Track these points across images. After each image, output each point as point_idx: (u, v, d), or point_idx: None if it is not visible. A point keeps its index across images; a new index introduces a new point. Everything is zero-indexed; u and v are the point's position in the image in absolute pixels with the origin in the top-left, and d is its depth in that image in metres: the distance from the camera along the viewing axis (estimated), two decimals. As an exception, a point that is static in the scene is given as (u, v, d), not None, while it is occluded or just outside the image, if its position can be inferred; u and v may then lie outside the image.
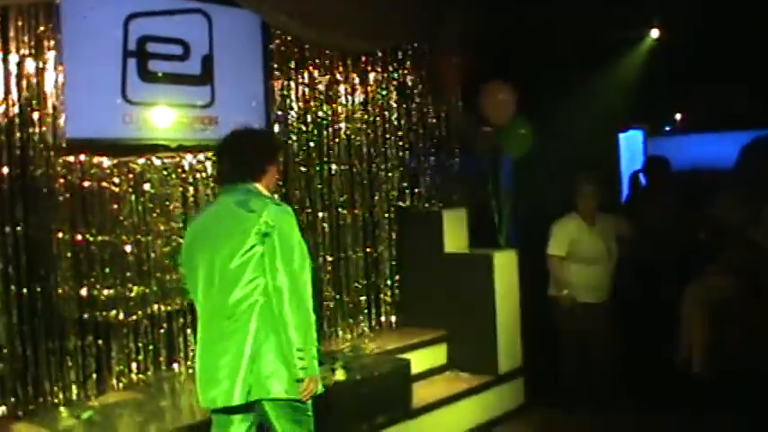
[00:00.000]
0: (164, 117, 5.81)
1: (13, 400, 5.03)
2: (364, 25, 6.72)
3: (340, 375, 5.52)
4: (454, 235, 7.37)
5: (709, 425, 6.36)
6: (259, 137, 4.48)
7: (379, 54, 7.20)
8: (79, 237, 5.38)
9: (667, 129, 12.13)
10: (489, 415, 6.80)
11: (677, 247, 7.86)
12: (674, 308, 7.34)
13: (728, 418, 6.35)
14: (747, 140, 7.61)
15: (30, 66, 5.16)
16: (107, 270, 5.50)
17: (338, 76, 6.96)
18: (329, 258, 6.97)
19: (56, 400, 5.20)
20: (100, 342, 5.46)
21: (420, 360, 6.67)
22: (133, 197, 5.66)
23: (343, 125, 6.97)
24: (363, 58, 7.11)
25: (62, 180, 5.33)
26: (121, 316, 5.56)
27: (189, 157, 5.98)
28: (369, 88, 7.20)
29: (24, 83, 5.14)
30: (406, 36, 7.28)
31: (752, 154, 7.55)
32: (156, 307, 5.77)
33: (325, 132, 6.87)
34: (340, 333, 7.01)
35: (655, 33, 9.94)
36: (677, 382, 7.10)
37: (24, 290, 5.10)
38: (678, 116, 12.08)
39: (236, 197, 4.07)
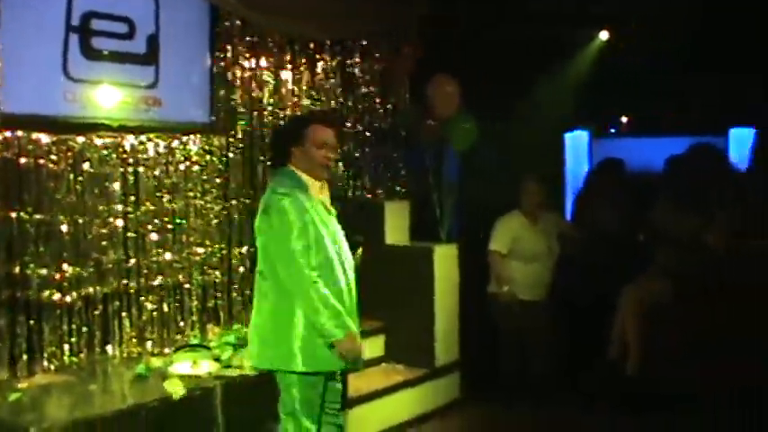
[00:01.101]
0: (106, 96, 5.68)
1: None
2: (316, 13, 6.65)
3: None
4: (396, 227, 7.35)
5: (644, 424, 6.41)
6: (285, 122, 5.22)
7: (328, 42, 7.14)
8: (14, 214, 5.24)
9: (612, 131, 12.22)
10: (425, 408, 6.80)
11: (624, 248, 7.93)
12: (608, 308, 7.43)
13: (661, 419, 6.43)
14: (688, 145, 7.68)
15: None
16: (42, 249, 5.37)
17: (285, 63, 6.89)
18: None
19: (-17, 381, 5.08)
20: (32, 322, 5.33)
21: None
22: (71, 176, 5.53)
23: (288, 111, 6.90)
24: (312, 45, 7.04)
25: (-2, 156, 5.19)
26: (56, 296, 5.43)
27: (130, 137, 5.86)
28: (316, 76, 7.13)
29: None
30: (358, 29, 7.22)
31: (683, 164, 7.64)
32: (91, 289, 5.66)
33: (269, 118, 6.79)
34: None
35: (604, 35, 10.01)
36: (615, 381, 7.17)
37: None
38: (624, 119, 12.18)
39: (270, 180, 4.68)
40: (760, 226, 6.97)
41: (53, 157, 5.43)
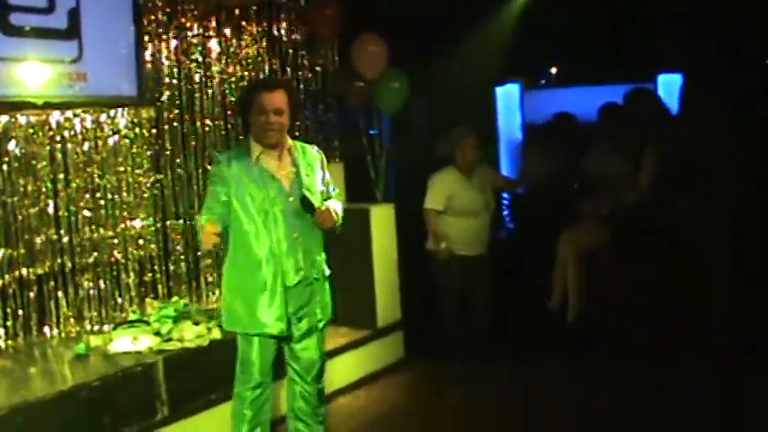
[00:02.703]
0: (29, 73, 5.53)
1: None
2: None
3: (216, 333, 5.46)
4: (331, 190, 7.32)
5: (581, 373, 6.53)
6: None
7: (254, 8, 7.05)
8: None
9: (542, 82, 12.29)
10: (370, 369, 6.83)
11: (560, 198, 8.04)
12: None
13: (597, 367, 6.56)
14: (620, 94, 7.75)
15: None
16: (-29, 233, 5.30)
17: (210, 30, 6.80)
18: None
19: None
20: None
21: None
22: (-3, 157, 5.45)
23: (216, 79, 6.83)
24: (237, 12, 6.95)
25: None
26: (-12, 280, 5.38)
27: (56, 114, 5.77)
28: (242, 42, 7.05)
29: None
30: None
31: (617, 108, 7.73)
32: (24, 270, 5.59)
33: (197, 86, 6.72)
34: (216, 291, 6.90)
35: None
36: (557, 331, 7.30)
37: None
38: (554, 70, 12.25)
39: None
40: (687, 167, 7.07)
41: (-24, 138, 5.33)
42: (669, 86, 9.89)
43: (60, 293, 5.80)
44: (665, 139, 7.07)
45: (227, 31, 6.91)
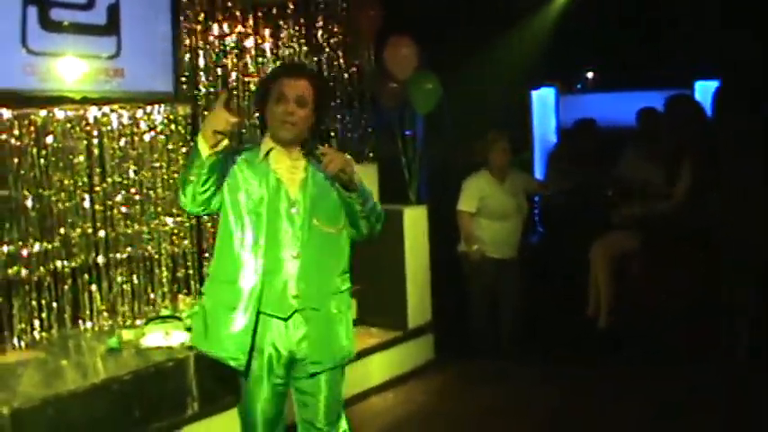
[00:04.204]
0: (67, 68, 5.58)
1: None
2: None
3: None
4: (364, 190, 7.32)
5: (614, 373, 6.53)
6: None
7: (291, 7, 7.08)
8: (-23, 191, 5.21)
9: (578, 87, 12.24)
10: (399, 370, 6.85)
11: (594, 204, 8.02)
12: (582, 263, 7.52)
13: (629, 370, 6.53)
14: (657, 99, 7.69)
15: None
16: (7, 226, 5.33)
17: (248, 29, 6.82)
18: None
19: (-47, 360, 5.05)
20: (0, 300, 5.31)
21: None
22: (35, 150, 5.48)
23: (253, 79, 6.85)
24: (274, 11, 6.98)
25: (-41, 132, 5.13)
26: (23, 273, 5.41)
27: (93, 109, 5.79)
28: (280, 41, 7.07)
29: None
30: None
31: (654, 115, 7.68)
32: (59, 263, 5.63)
33: (234, 85, 6.74)
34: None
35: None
36: (587, 335, 7.28)
37: None
38: (590, 74, 12.20)
39: None
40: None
41: (15, 132, 5.37)
42: (707, 93, 9.81)
43: (94, 287, 5.83)
44: (703, 147, 7.01)
45: (265, 31, 6.92)
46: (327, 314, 3.85)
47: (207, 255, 6.53)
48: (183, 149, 6.33)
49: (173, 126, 6.29)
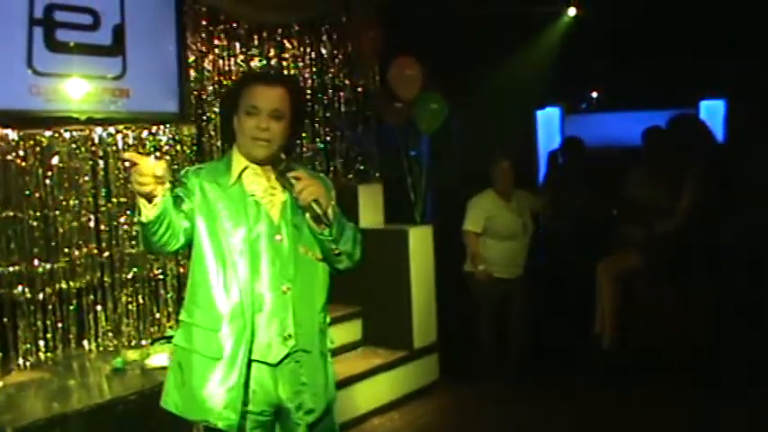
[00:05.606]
0: (73, 89, 5.60)
1: None
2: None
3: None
4: (369, 210, 7.33)
5: (616, 398, 6.49)
6: None
7: (296, 27, 7.10)
8: (-17, 212, 5.21)
9: (583, 106, 12.25)
10: (404, 390, 6.81)
11: (590, 224, 7.99)
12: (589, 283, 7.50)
13: (636, 393, 6.50)
14: (661, 119, 7.69)
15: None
16: (12, 246, 5.33)
17: (253, 49, 6.84)
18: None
19: (-41, 381, 5.04)
20: (5, 320, 5.31)
21: (334, 336, 6.60)
22: (40, 171, 5.49)
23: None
24: (279, 30, 7.00)
25: (-35, 153, 5.14)
26: (28, 293, 5.41)
27: (99, 129, 5.81)
28: (284, 61, 7.09)
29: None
30: (321, 7, 7.20)
31: (659, 134, 7.67)
32: (64, 284, 5.63)
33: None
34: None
35: (572, 11, 10.02)
36: (592, 354, 7.25)
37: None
38: (594, 94, 12.22)
39: None
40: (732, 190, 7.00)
41: (21, 152, 5.38)
42: (712, 112, 9.83)
43: (99, 307, 5.83)
44: (708, 166, 6.99)
45: (270, 50, 6.94)
46: (317, 356, 3.40)
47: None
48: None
49: (178, 146, 6.30)
